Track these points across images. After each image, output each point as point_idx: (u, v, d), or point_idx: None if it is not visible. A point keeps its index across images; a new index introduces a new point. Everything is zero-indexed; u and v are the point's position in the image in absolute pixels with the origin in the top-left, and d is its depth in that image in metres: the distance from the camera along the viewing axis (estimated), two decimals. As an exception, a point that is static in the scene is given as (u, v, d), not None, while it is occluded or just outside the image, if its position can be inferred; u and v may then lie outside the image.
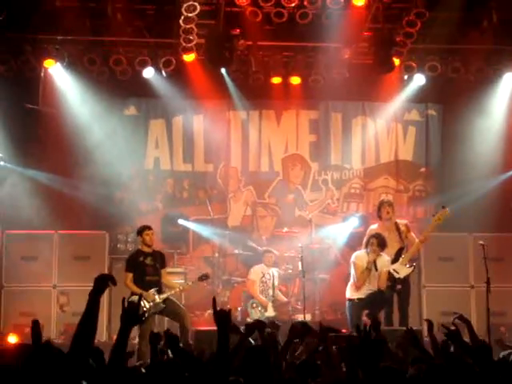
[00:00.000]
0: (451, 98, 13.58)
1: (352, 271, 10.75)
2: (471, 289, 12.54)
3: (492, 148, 13.08)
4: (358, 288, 10.60)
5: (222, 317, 4.64)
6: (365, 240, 10.78)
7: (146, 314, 9.96)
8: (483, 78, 13.04)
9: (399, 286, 10.74)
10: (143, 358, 8.84)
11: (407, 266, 10.76)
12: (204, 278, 10.79)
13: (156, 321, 10.67)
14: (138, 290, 10.01)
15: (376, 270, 10.51)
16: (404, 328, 6.90)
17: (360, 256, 10.71)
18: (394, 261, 10.73)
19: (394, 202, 11.70)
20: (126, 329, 4.34)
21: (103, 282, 4.40)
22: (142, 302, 9.97)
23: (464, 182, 13.15)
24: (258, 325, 6.09)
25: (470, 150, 13.41)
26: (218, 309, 4.72)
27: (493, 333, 10.20)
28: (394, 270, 10.68)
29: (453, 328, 5.62)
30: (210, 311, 12.21)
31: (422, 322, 10.74)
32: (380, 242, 10.51)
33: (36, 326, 4.68)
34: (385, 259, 10.60)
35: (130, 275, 10.26)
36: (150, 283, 10.20)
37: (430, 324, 6.41)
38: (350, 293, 10.70)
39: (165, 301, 10.19)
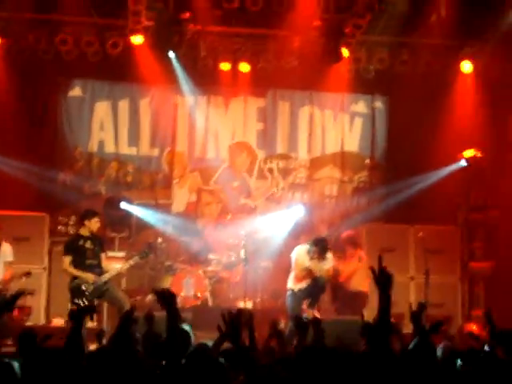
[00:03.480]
0: (398, 90, 13.67)
1: (293, 264, 10.79)
2: (411, 280, 12.68)
3: (437, 141, 13.21)
4: (298, 280, 10.67)
5: (167, 296, 4.73)
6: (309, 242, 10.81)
7: (89, 298, 9.86)
8: (431, 71, 13.16)
9: None
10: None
11: None
12: (145, 255, 10.62)
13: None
14: (78, 273, 9.93)
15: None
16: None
17: (301, 253, 10.73)
18: None
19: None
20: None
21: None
22: (83, 286, 9.87)
23: (408, 175, 13.28)
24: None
25: (415, 143, 13.57)
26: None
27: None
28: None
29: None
30: (151, 297, 12.18)
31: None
32: (320, 250, 10.55)
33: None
34: (324, 265, 10.62)
35: (69, 258, 10.10)
36: (91, 267, 10.07)
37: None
38: (291, 283, 10.76)
39: (105, 285, 10.05)
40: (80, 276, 9.94)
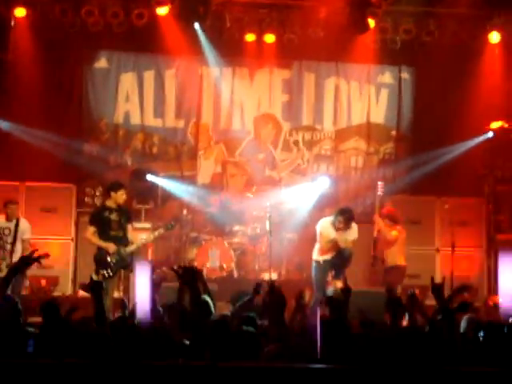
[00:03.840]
0: (425, 61, 13.55)
1: (317, 236, 10.79)
2: (437, 252, 12.65)
3: (463, 112, 13.10)
4: (323, 252, 10.68)
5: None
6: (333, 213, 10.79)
7: (114, 269, 9.95)
8: (457, 41, 13.03)
9: None
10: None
11: None
12: (170, 227, 10.70)
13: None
14: (99, 242, 10.03)
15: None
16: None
17: (326, 225, 10.71)
18: None
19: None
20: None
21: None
22: (108, 257, 9.96)
23: (434, 146, 13.19)
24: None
25: (442, 114, 13.45)
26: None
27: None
28: None
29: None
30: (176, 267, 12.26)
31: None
32: (345, 220, 10.53)
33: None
34: (349, 236, 10.62)
35: (92, 229, 10.15)
36: (115, 238, 10.10)
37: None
38: (316, 254, 10.77)
39: (130, 255, 10.13)
40: (101, 245, 10.02)
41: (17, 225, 10.63)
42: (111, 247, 10.02)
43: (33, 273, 11.64)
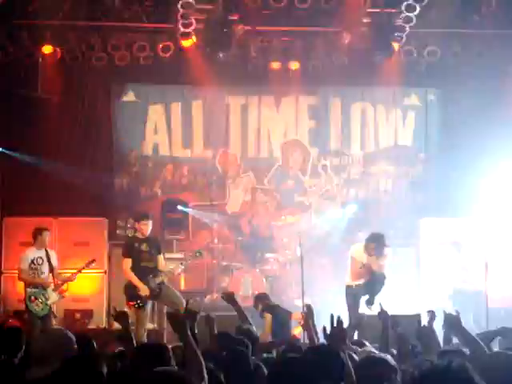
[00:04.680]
0: (451, 82, 13.53)
1: (349, 261, 10.75)
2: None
3: (492, 133, 13.02)
4: (355, 277, 10.62)
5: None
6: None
7: (144, 300, 9.95)
8: (483, 62, 13.00)
9: None
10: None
11: None
12: (198, 254, 10.67)
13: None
14: (135, 281, 9.92)
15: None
16: None
17: (358, 250, 10.65)
18: None
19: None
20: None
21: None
22: (137, 288, 9.95)
23: (462, 168, 13.12)
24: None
25: (469, 136, 13.37)
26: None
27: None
28: None
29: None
30: (210, 296, 12.30)
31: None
32: (378, 246, 10.47)
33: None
34: (381, 261, 10.51)
35: (129, 261, 10.11)
36: (146, 269, 10.06)
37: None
38: (349, 279, 10.71)
39: (160, 286, 10.09)
40: (136, 285, 9.91)
41: (47, 253, 10.63)
42: (144, 290, 9.92)
43: (67, 306, 11.79)
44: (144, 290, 9.90)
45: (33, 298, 10.31)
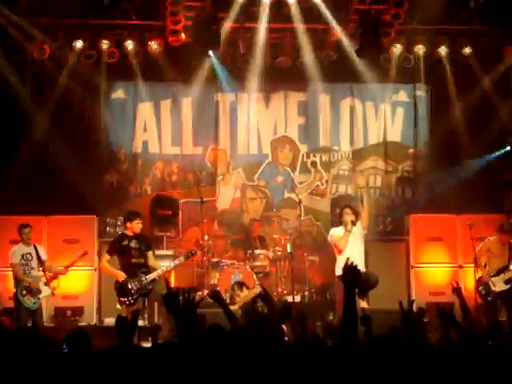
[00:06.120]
0: (439, 78, 13.58)
1: (332, 244, 10.70)
2: (459, 268, 12.61)
3: (480, 128, 13.10)
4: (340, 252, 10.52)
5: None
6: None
7: (135, 296, 10.00)
8: (470, 58, 13.05)
9: (489, 298, 10.99)
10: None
11: (506, 283, 10.99)
12: (191, 255, 10.74)
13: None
14: (111, 270, 10.22)
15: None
16: None
17: (334, 231, 10.66)
18: (497, 274, 11.00)
19: None
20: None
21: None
22: (128, 285, 10.02)
23: (452, 163, 13.19)
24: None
25: (458, 130, 13.45)
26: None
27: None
28: (492, 281, 10.97)
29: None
30: (200, 293, 12.30)
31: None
32: (354, 211, 10.48)
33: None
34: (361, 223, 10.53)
35: (107, 257, 10.34)
36: (136, 266, 10.17)
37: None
38: (339, 270, 10.69)
39: (151, 283, 10.15)
40: (112, 273, 10.18)
41: (36, 248, 10.74)
42: (120, 275, 10.09)
43: (57, 304, 11.79)
44: (121, 276, 10.07)
45: (24, 291, 10.41)
